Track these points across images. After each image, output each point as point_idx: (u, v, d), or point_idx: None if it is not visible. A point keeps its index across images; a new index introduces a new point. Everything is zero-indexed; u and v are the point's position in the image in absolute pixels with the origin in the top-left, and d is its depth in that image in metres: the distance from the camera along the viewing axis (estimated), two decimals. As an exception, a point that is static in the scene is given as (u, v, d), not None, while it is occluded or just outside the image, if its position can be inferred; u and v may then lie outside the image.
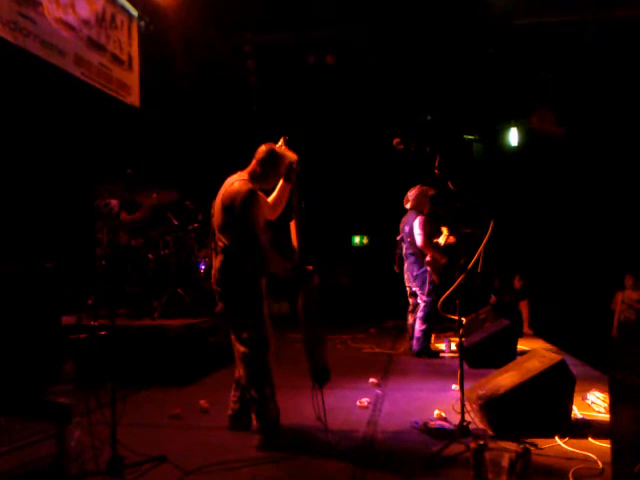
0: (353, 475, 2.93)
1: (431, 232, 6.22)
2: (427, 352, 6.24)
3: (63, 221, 6.63)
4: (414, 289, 6.36)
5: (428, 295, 6.18)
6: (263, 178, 3.55)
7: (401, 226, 6.51)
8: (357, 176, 6.83)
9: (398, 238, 6.55)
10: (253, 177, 3.51)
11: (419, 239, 6.18)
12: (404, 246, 6.42)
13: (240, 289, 3.39)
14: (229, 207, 3.35)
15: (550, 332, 7.30)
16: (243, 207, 3.31)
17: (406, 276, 6.43)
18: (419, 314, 6.23)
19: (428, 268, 6.20)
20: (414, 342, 6.27)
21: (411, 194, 6.45)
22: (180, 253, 6.34)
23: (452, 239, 5.99)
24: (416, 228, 6.22)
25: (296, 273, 3.41)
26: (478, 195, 3.62)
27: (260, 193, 3.50)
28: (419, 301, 6.29)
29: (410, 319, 6.49)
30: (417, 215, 6.31)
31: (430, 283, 6.18)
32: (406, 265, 6.42)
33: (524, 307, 8.56)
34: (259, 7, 7.97)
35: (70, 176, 6.65)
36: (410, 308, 6.52)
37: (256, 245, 3.32)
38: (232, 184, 3.42)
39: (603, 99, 8.43)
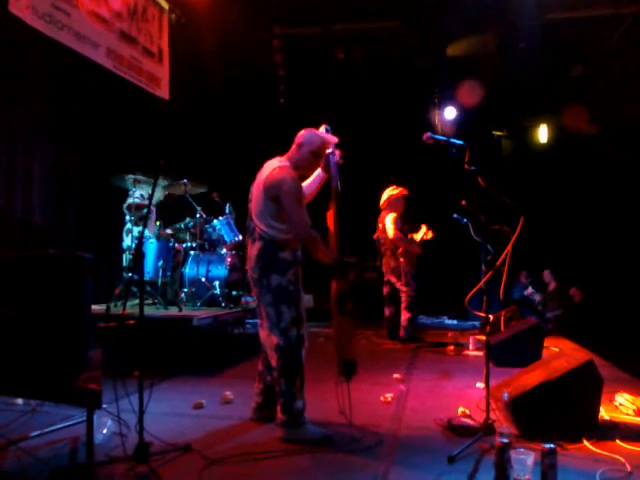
0: (376, 470, 2.93)
1: (403, 228, 6.87)
2: (414, 338, 6.76)
3: (94, 211, 6.76)
4: (392, 280, 6.90)
5: (406, 285, 6.77)
6: (303, 163, 3.44)
7: (378, 225, 7.04)
8: (385, 171, 6.91)
9: (375, 237, 7.07)
10: (293, 163, 3.40)
11: (391, 233, 6.73)
12: (381, 242, 6.98)
13: (277, 277, 3.30)
14: (273, 196, 3.24)
15: (578, 332, 7.19)
16: (291, 196, 3.21)
17: (384, 269, 6.97)
18: (402, 305, 6.79)
19: (402, 260, 6.76)
20: (401, 330, 6.78)
21: (386, 196, 6.93)
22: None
23: (429, 235, 6.89)
24: (388, 223, 6.77)
25: (338, 264, 3.37)
26: (507, 192, 3.55)
27: None
28: (401, 294, 6.82)
29: (386, 312, 7.04)
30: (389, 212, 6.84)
31: (406, 274, 6.76)
32: (384, 259, 6.97)
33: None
34: (288, 1, 7.97)
35: (101, 166, 6.77)
36: (385, 299, 7.01)
37: (308, 232, 3.27)
38: (273, 170, 3.30)
39: (634, 94, 8.23)
